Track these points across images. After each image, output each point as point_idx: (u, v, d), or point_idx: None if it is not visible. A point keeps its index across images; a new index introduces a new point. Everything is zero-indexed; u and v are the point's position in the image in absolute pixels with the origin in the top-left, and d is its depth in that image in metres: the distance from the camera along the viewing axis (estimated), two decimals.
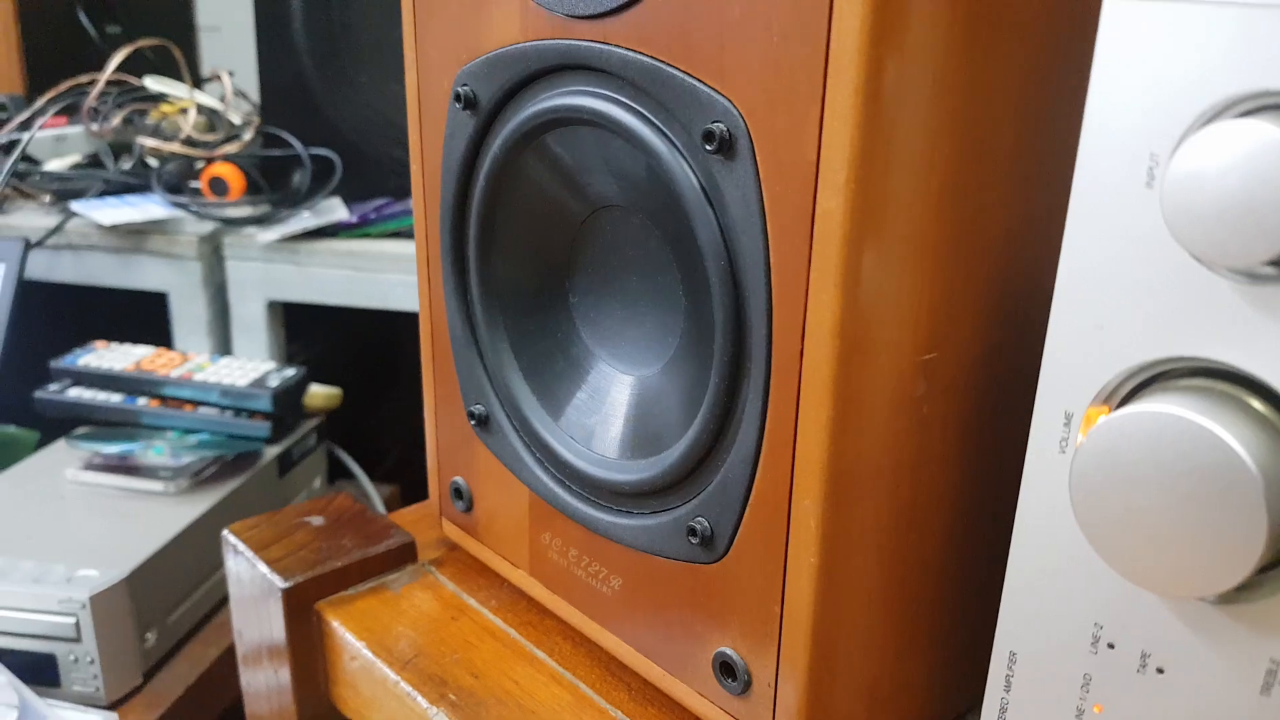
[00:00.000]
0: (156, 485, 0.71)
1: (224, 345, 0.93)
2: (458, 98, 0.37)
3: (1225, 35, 0.20)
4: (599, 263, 0.37)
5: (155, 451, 0.75)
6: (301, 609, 0.42)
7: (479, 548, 0.44)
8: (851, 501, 0.29)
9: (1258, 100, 0.20)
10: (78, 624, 0.60)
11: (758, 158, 0.27)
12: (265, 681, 0.45)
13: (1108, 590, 0.25)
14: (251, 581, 0.44)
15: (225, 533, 0.45)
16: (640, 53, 0.30)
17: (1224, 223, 0.19)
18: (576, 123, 0.33)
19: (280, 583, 0.42)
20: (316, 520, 0.47)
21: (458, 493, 0.44)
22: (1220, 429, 0.20)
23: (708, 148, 0.28)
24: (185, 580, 0.68)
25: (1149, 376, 0.23)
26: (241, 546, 0.44)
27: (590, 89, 0.32)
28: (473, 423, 0.41)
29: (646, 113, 0.30)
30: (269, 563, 0.43)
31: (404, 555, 0.45)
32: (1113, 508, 0.22)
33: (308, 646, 0.43)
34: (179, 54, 1.11)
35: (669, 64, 0.29)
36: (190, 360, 0.82)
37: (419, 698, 0.37)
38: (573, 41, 0.32)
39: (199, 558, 0.69)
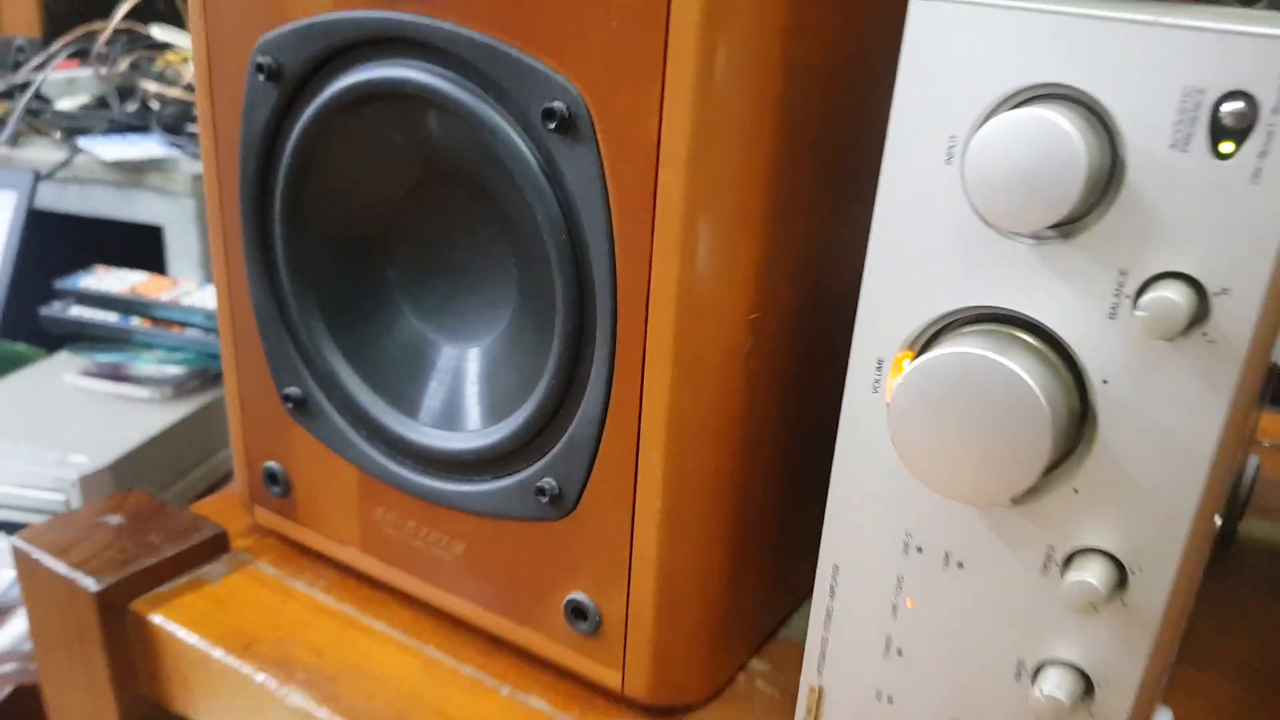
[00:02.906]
0: (144, 392, 0.82)
1: (211, 274, 0.97)
2: (259, 68, 0.36)
3: (1012, 34, 0.24)
4: (421, 237, 0.37)
5: (144, 363, 0.87)
6: (115, 612, 0.40)
7: (300, 530, 0.43)
8: (692, 450, 0.32)
9: (1038, 90, 0.24)
10: (67, 501, 0.71)
11: (599, 136, 0.29)
12: (78, 692, 0.43)
13: (916, 505, 0.29)
14: (53, 589, 0.41)
15: (14, 540, 0.42)
16: (471, 28, 0.31)
17: (1010, 194, 0.24)
18: (399, 97, 0.33)
19: (92, 585, 0.39)
20: (114, 519, 0.44)
21: (272, 478, 0.43)
22: (1012, 363, 0.25)
23: (549, 126, 0.30)
24: (164, 473, 0.79)
25: (944, 324, 0.28)
26: (38, 552, 0.41)
27: (415, 62, 0.33)
28: (289, 405, 0.41)
29: (479, 89, 0.31)
30: (74, 565, 0.40)
31: (217, 546, 0.44)
32: (924, 435, 0.26)
33: (124, 650, 0.41)
34: (185, 4, 1.15)
35: (503, 41, 0.30)
36: (179, 286, 0.93)
37: (267, 679, 0.37)
38: (393, 15, 0.32)
39: (178, 455, 0.80)
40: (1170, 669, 0.35)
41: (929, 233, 0.27)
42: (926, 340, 0.28)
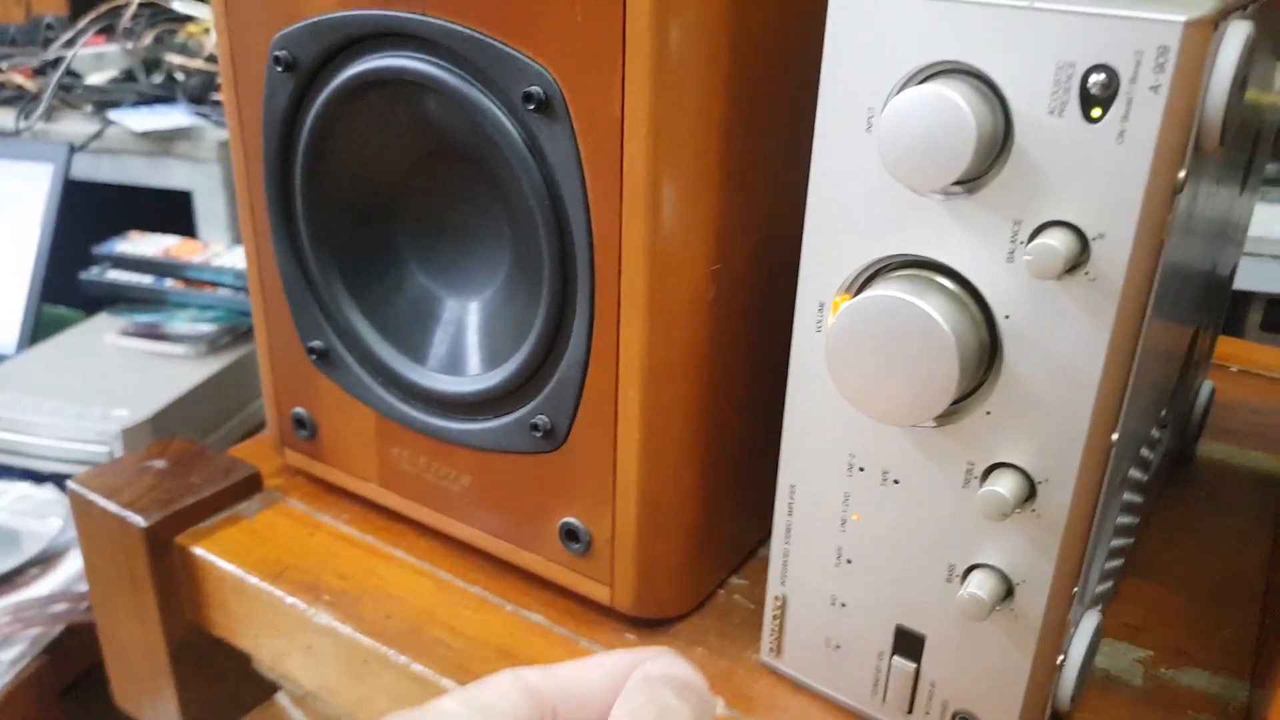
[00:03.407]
0: (179, 349, 0.88)
1: (239, 236, 1.07)
2: (277, 60, 0.40)
3: (916, 19, 0.28)
4: (426, 205, 0.42)
5: (179, 321, 0.92)
6: (162, 546, 0.45)
7: (327, 469, 0.48)
8: (665, 386, 0.36)
9: (940, 67, 0.28)
10: (111, 453, 0.76)
11: (572, 115, 0.33)
12: (128, 620, 0.48)
13: (856, 429, 0.33)
14: (106, 527, 0.46)
15: (70, 484, 0.47)
16: (460, 24, 0.35)
17: (915, 158, 0.28)
18: (400, 83, 0.38)
19: (141, 522, 0.44)
20: (159, 464, 0.49)
21: (300, 423, 0.48)
22: (923, 303, 0.29)
23: (529, 107, 0.34)
24: (201, 425, 0.84)
25: (877, 269, 0.32)
26: (91, 495, 0.46)
27: (412, 54, 0.37)
28: (313, 358, 0.45)
29: (469, 76, 0.35)
30: (124, 505, 0.45)
31: (252, 485, 0.49)
32: (855, 367, 0.31)
33: (170, 580, 0.46)
34: None
35: (487, 34, 0.34)
36: (209, 249, 0.99)
37: (297, 602, 0.42)
38: (393, 13, 0.37)
39: (214, 408, 0.86)
40: (1106, 575, 0.39)
41: (856, 191, 0.31)
42: (860, 284, 0.32)
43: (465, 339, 0.41)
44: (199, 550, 0.45)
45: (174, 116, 1.13)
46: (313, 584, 0.43)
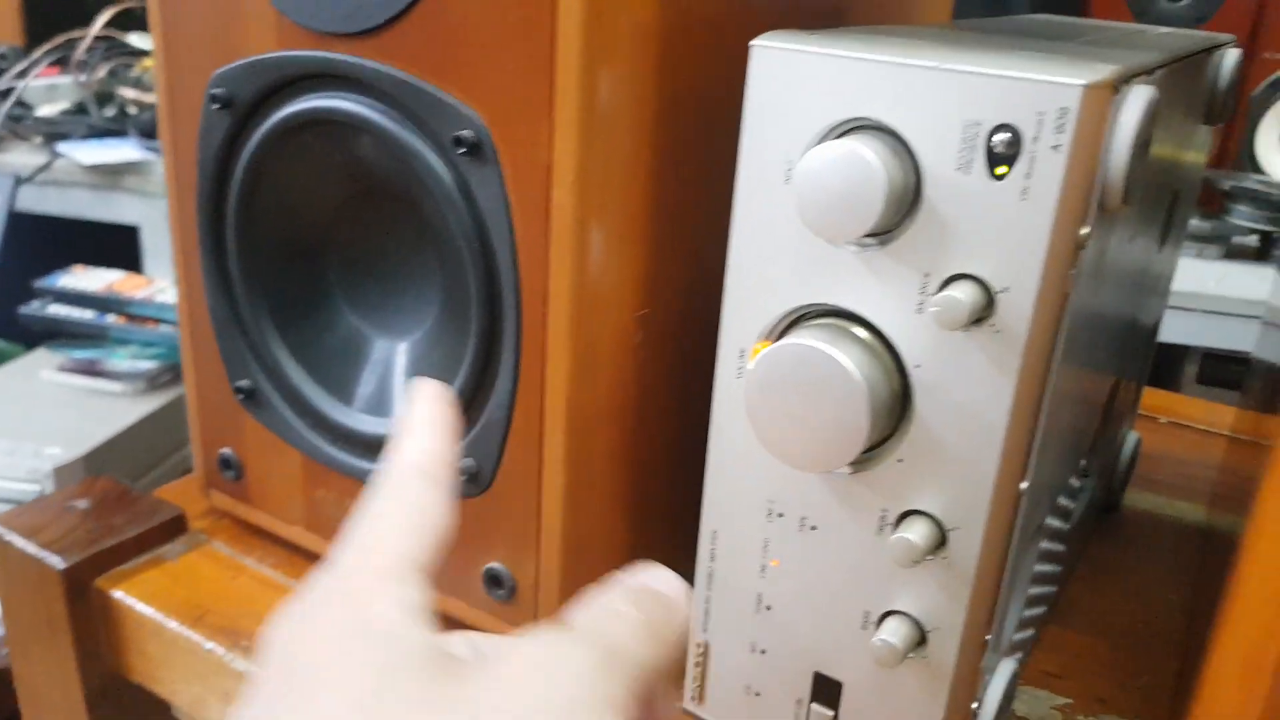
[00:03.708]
0: (117, 386, 0.87)
1: None
2: (214, 99, 0.40)
3: (831, 76, 0.29)
4: (358, 244, 0.42)
5: (118, 358, 0.91)
6: (81, 588, 0.44)
7: (252, 512, 0.47)
8: (590, 430, 0.36)
9: (855, 123, 0.29)
10: (42, 491, 0.76)
11: (501, 160, 0.34)
12: (44, 664, 0.46)
13: (775, 475, 0.34)
14: (24, 568, 0.45)
15: None
16: (393, 67, 0.35)
17: (830, 210, 0.28)
18: (334, 123, 0.38)
19: (59, 563, 0.44)
20: (82, 503, 0.48)
21: (226, 464, 0.47)
22: (835, 351, 0.29)
23: (459, 151, 0.34)
24: (137, 464, 0.82)
25: (794, 318, 0.32)
26: (9, 535, 0.45)
27: (347, 95, 0.37)
28: (240, 397, 0.45)
29: (402, 118, 0.36)
30: (43, 546, 0.44)
31: (176, 527, 0.48)
32: (771, 413, 0.31)
33: (88, 624, 0.45)
34: None
35: (420, 79, 0.35)
36: (154, 284, 0.99)
37: (215, 646, 0.41)
38: (329, 54, 0.37)
39: (151, 446, 0.84)
40: (1026, 623, 0.39)
41: (776, 241, 0.31)
42: (780, 332, 0.32)
43: (392, 380, 0.41)
44: (118, 593, 0.44)
45: (124, 150, 1.13)
46: (232, 629, 0.42)
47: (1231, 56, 0.47)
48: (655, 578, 0.25)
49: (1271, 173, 1.21)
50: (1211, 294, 1.08)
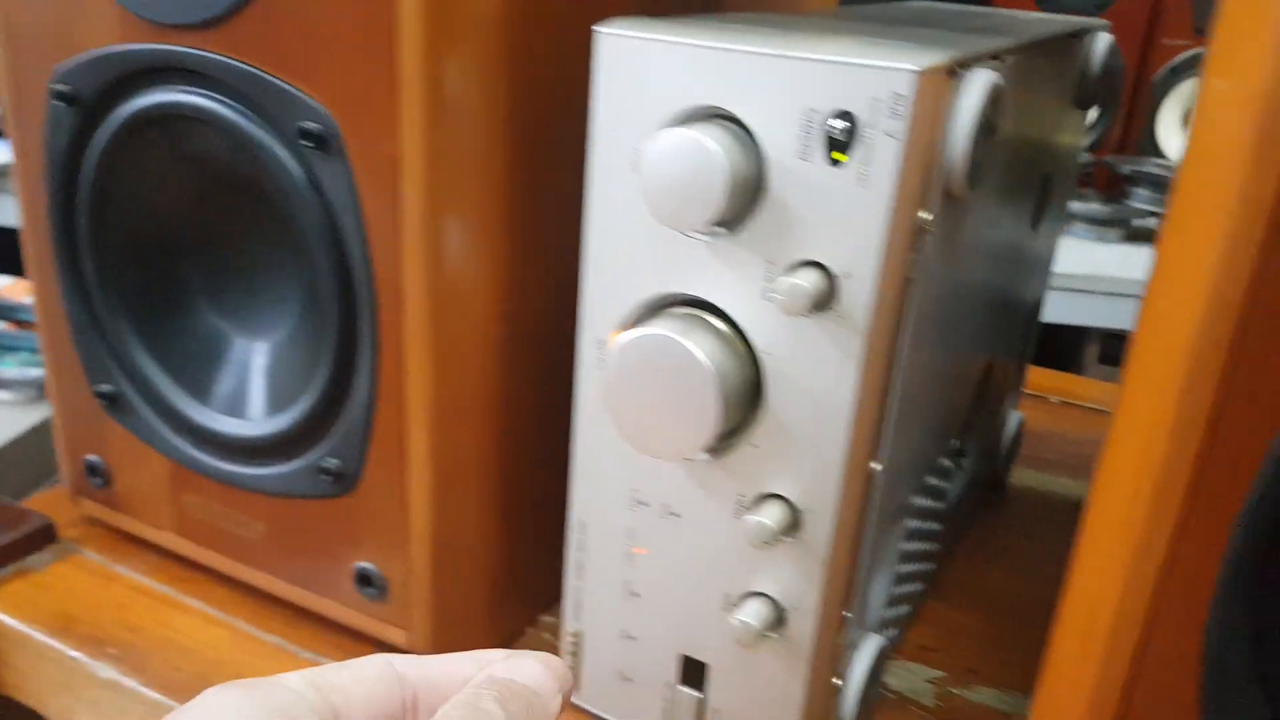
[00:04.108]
0: (6, 394, 0.81)
1: None
2: (59, 95, 0.39)
3: (674, 64, 0.29)
4: (215, 241, 0.40)
5: (6, 366, 0.86)
6: None
7: (122, 518, 0.46)
8: (455, 427, 0.36)
9: (700, 111, 0.29)
10: None
11: (350, 153, 0.33)
12: None
13: (635, 464, 0.34)
14: None
15: None
16: (237, 59, 0.34)
17: (673, 199, 0.28)
18: (182, 118, 0.37)
19: None
20: None
21: (93, 470, 0.46)
22: (685, 340, 0.29)
23: (306, 143, 0.33)
24: (26, 474, 0.76)
25: (651, 308, 0.32)
26: None
27: (193, 88, 0.36)
28: (102, 402, 0.43)
29: (248, 111, 0.35)
30: None
31: (44, 537, 0.46)
32: (628, 402, 0.31)
33: None
34: None
35: (265, 71, 0.34)
36: None
37: (80, 656, 0.40)
38: (172, 47, 0.36)
39: (43, 456, 0.76)
40: (899, 600, 0.40)
41: (629, 230, 0.31)
42: (637, 322, 0.32)
43: (249, 380, 0.40)
44: None
45: (6, 151, 1.09)
46: (99, 637, 0.41)
47: (1103, 41, 0.48)
48: (526, 670, 0.24)
49: (1172, 157, 1.24)
50: (1112, 276, 1.11)
